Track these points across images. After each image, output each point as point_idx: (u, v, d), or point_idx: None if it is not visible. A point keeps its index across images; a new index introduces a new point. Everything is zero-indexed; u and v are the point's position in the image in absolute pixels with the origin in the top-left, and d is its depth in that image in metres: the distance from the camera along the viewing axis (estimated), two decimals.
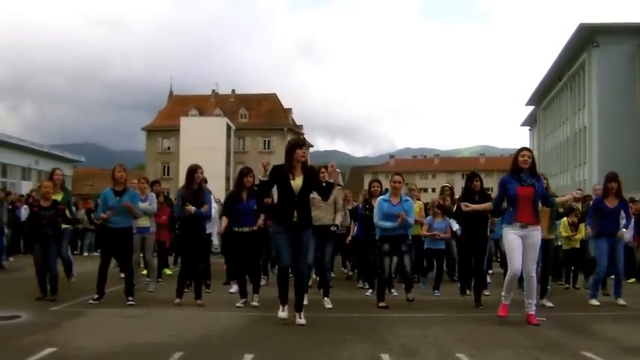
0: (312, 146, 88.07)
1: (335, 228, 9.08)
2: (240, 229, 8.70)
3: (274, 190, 7.68)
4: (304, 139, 9.38)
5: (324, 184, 8.40)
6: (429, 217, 11.07)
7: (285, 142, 58.48)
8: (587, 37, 36.53)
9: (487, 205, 8.22)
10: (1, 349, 5.94)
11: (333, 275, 11.06)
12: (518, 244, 7.45)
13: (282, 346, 6.21)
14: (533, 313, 7.46)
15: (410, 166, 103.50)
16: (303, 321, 7.21)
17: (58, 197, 9.46)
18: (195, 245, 8.82)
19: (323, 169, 8.90)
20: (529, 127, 63.15)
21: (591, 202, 10.32)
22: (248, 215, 8.74)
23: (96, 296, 8.61)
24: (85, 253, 18.21)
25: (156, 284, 10.21)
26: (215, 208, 11.56)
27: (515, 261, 7.45)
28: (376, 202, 9.04)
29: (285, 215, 7.28)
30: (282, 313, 7.23)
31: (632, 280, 12.49)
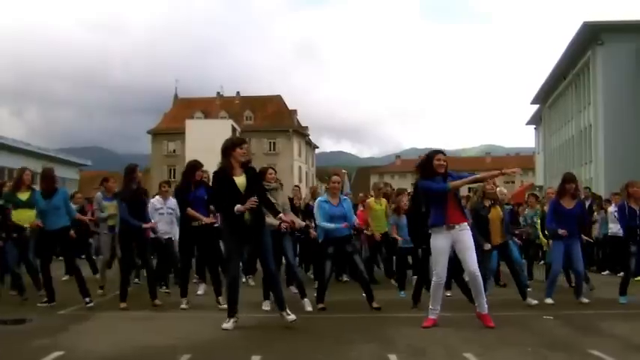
0: (317, 147, 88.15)
1: (298, 233, 9.21)
2: (194, 223, 8.63)
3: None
4: (245, 138, 9.17)
5: (267, 188, 8.06)
6: (393, 217, 10.84)
7: (291, 143, 58.12)
8: (592, 36, 36.43)
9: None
10: (9, 353, 5.96)
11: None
12: (445, 249, 7.22)
13: (289, 347, 6.22)
14: (486, 313, 7.22)
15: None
16: (293, 317, 7.07)
17: (24, 197, 9.36)
18: (136, 247, 8.82)
19: (271, 170, 8.66)
20: (534, 126, 63.02)
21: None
22: (198, 206, 8.63)
23: (45, 299, 8.75)
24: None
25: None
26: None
27: (441, 267, 7.24)
28: (315, 204, 8.93)
29: (237, 218, 6.99)
30: (227, 324, 7.02)
31: (639, 278, 12.46)
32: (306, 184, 62.42)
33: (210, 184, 8.14)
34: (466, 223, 7.30)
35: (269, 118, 73.99)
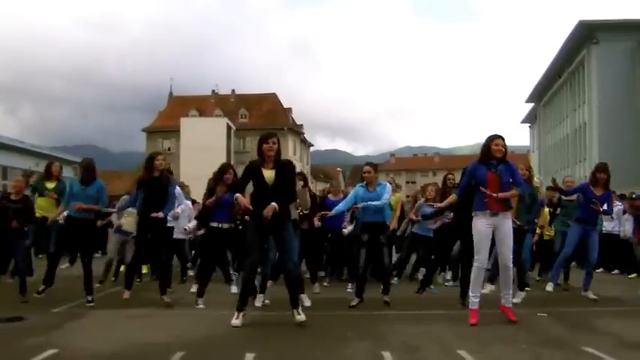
0: (312, 145, 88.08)
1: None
2: (219, 225, 8.58)
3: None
4: (274, 132, 9.07)
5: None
6: (420, 201, 10.75)
7: (286, 142, 58.06)
8: (587, 34, 36.53)
9: (451, 199, 7.81)
10: (3, 351, 5.94)
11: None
12: (487, 234, 7.27)
13: (283, 344, 6.21)
14: (510, 306, 7.34)
15: (410, 165, 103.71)
16: (302, 317, 7.03)
17: (51, 185, 9.52)
18: (156, 240, 8.72)
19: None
20: (529, 124, 63.11)
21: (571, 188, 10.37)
22: (226, 210, 8.55)
23: (42, 287, 8.70)
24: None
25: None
26: (185, 204, 11.26)
27: (483, 253, 7.32)
28: (353, 190, 8.91)
29: (261, 210, 7.05)
30: (236, 321, 7.00)
31: (633, 275, 12.52)
32: None
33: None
34: (509, 212, 7.35)
35: (264, 116, 73.89)
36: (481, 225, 7.28)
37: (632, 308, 8.55)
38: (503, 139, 7.41)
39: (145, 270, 11.99)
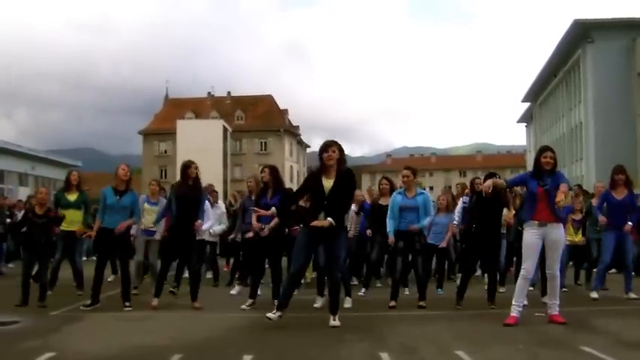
0: (309, 147, 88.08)
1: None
2: (262, 226, 8.54)
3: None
4: (334, 140, 8.95)
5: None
6: (430, 216, 10.79)
7: (282, 143, 58.03)
8: (582, 33, 36.58)
9: (501, 184, 7.68)
10: (0, 354, 5.93)
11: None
12: (536, 244, 7.29)
13: (281, 346, 6.21)
14: (557, 313, 7.31)
15: (407, 165, 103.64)
16: (337, 323, 7.06)
17: (73, 197, 9.54)
18: (186, 247, 8.67)
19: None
20: (525, 124, 63.20)
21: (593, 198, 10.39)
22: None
23: (89, 302, 8.48)
24: (84, 257, 18.07)
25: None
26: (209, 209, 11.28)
27: (530, 263, 7.32)
28: (391, 197, 8.90)
29: (313, 217, 7.13)
30: (273, 315, 7.00)
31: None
32: (297, 184, 62.28)
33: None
34: (559, 223, 7.38)
35: (260, 117, 73.91)
36: (530, 235, 7.33)
37: (629, 307, 8.55)
38: (552, 151, 7.47)
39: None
